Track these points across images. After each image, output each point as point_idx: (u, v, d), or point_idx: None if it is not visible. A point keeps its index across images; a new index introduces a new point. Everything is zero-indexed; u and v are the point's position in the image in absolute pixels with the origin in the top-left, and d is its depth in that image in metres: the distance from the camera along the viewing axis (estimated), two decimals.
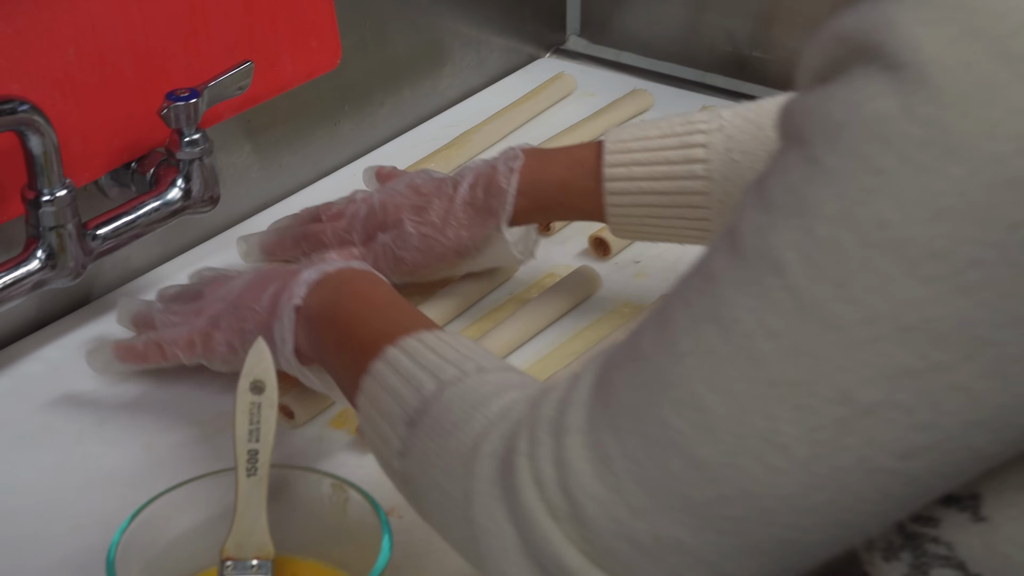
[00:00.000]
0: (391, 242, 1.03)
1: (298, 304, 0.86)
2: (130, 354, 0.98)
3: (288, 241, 1.08)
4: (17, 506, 0.90)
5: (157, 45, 1.04)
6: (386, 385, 0.74)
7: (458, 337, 0.76)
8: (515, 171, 1.00)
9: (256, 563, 0.78)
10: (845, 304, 0.55)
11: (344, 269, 0.88)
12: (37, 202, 0.96)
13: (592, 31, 1.52)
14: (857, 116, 0.55)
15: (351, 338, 0.81)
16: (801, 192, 0.56)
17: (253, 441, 0.78)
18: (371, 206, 1.05)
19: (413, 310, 0.83)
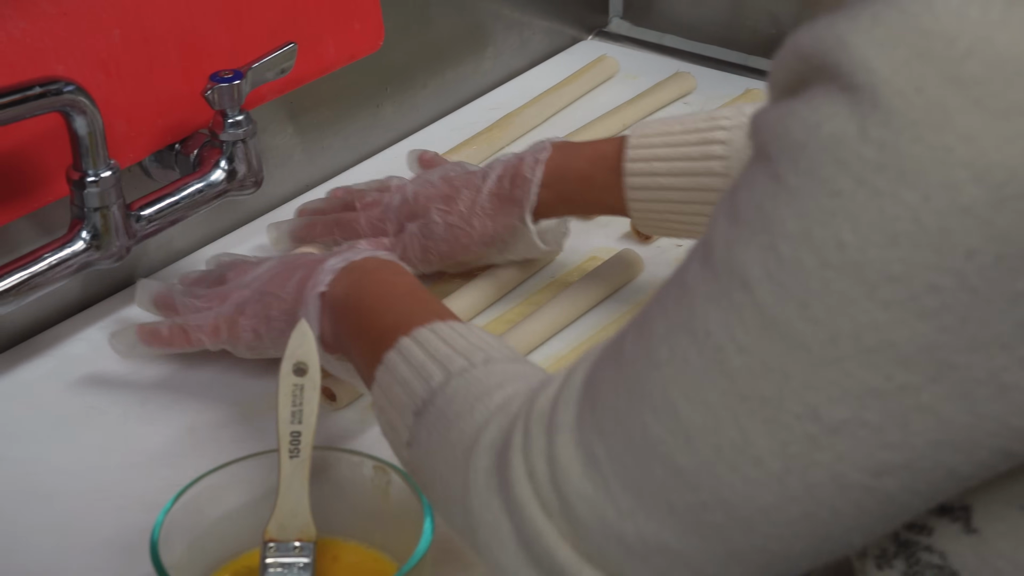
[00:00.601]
0: (419, 232, 1.04)
1: (323, 291, 0.87)
2: (155, 338, 0.98)
3: (319, 228, 1.09)
4: (61, 487, 0.91)
5: (201, 26, 1.04)
6: (397, 376, 0.75)
7: (472, 327, 0.77)
8: (540, 162, 1.01)
9: (298, 545, 0.78)
10: (809, 324, 0.55)
11: (370, 258, 0.88)
12: (82, 183, 0.96)
13: (635, 13, 1.52)
14: (816, 136, 0.55)
15: (369, 328, 0.82)
16: (766, 209, 0.56)
17: (296, 423, 0.78)
18: (404, 196, 1.06)
19: (432, 300, 0.83)
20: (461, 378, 0.71)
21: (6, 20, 0.93)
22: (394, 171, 1.24)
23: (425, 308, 0.81)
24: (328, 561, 0.80)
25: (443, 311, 0.80)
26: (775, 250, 0.55)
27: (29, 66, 0.94)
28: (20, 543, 0.86)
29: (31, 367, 1.02)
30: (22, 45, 0.94)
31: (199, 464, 0.83)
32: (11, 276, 0.95)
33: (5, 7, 0.92)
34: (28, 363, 1.02)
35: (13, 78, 0.91)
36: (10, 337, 1.04)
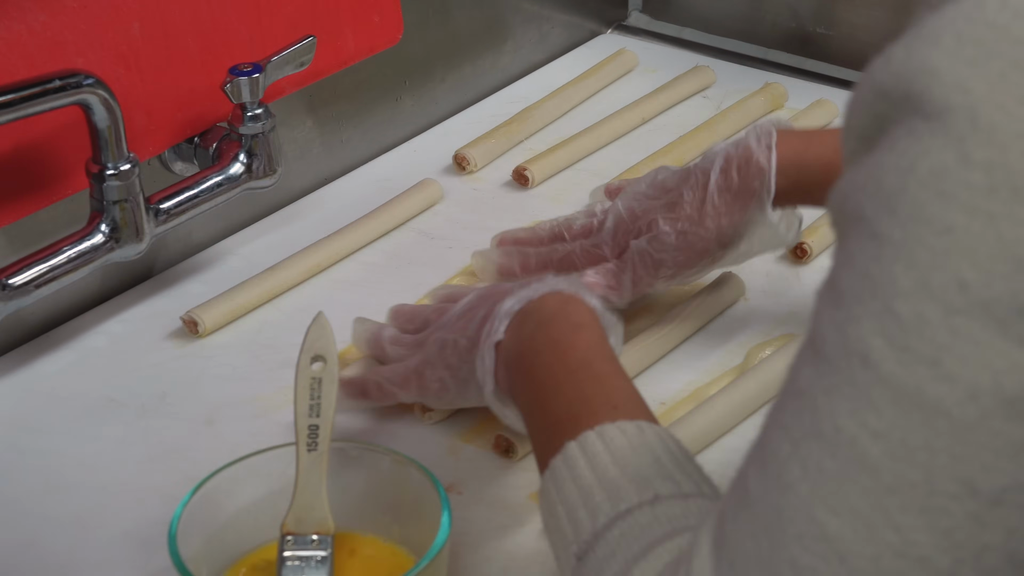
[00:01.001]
0: (648, 246, 0.97)
1: (498, 340, 0.82)
2: (355, 390, 0.93)
3: (533, 263, 1.04)
4: (80, 479, 0.91)
5: (220, 20, 1.05)
6: (562, 495, 0.69)
7: (643, 432, 0.71)
8: (772, 148, 0.94)
9: (316, 538, 0.78)
10: (943, 383, 0.50)
11: (549, 296, 0.83)
12: (101, 176, 0.96)
13: (654, 7, 1.51)
14: (912, 177, 0.51)
15: (539, 409, 0.77)
16: (872, 273, 0.52)
17: (314, 416, 0.78)
18: (617, 215, 1.00)
19: (607, 374, 0.77)
20: (624, 523, 0.65)
21: (26, 13, 0.93)
22: (414, 164, 1.25)
23: (600, 390, 0.75)
24: (346, 554, 0.80)
25: (617, 394, 0.74)
26: (892, 312, 0.51)
27: (49, 59, 0.94)
28: (39, 535, 0.87)
29: (50, 360, 1.02)
30: (42, 38, 0.94)
31: (217, 457, 0.83)
32: (30, 269, 0.95)
33: (26, 0, 0.93)
34: (47, 356, 1.02)
35: (33, 71, 0.91)
36: (29, 330, 1.04)
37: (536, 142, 1.29)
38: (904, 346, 0.51)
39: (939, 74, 0.51)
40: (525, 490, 0.89)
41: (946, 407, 0.50)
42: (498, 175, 1.24)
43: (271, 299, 1.08)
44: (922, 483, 0.51)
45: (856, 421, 0.52)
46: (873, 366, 0.52)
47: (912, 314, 0.51)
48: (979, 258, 0.50)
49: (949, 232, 0.50)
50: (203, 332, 1.04)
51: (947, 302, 0.50)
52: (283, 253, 1.11)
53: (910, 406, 0.51)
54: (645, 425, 0.71)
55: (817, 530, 0.53)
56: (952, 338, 0.50)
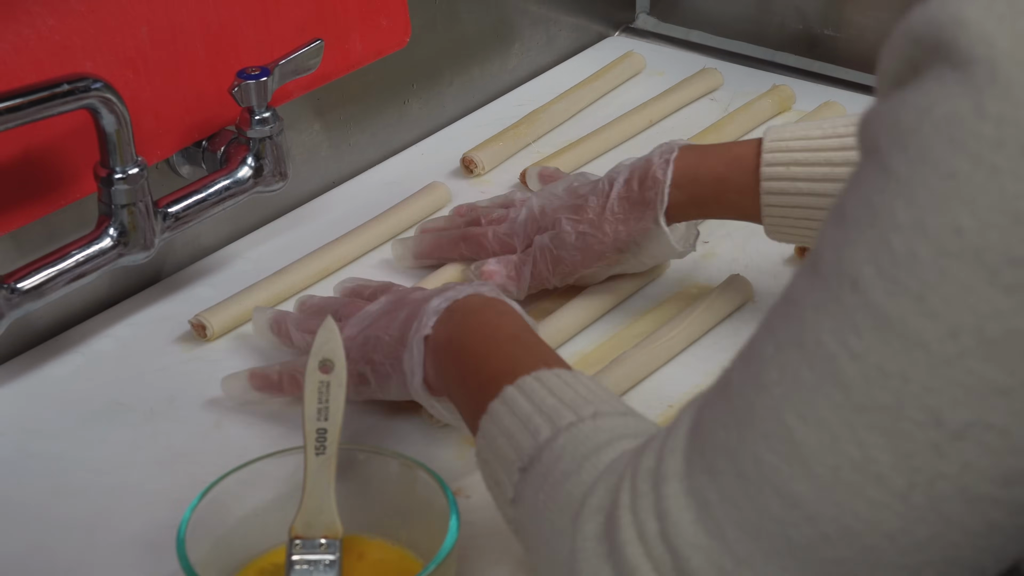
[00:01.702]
0: (549, 243, 1.02)
1: (427, 334, 0.85)
2: (266, 383, 0.95)
3: (446, 243, 1.08)
4: (88, 483, 0.91)
5: (228, 23, 1.05)
6: (502, 428, 0.72)
7: (579, 376, 0.74)
8: (670, 162, 0.98)
9: (324, 542, 0.78)
10: (926, 319, 0.52)
11: (473, 296, 0.86)
12: (109, 180, 0.96)
13: (661, 9, 1.51)
14: (928, 119, 0.52)
15: (473, 374, 0.80)
16: (875, 203, 0.54)
17: (322, 420, 0.78)
18: (531, 210, 1.04)
19: (538, 344, 0.81)
20: (569, 433, 0.68)
21: (35, 17, 0.93)
22: (422, 167, 1.25)
23: (530, 353, 0.79)
24: (354, 558, 0.80)
25: (549, 356, 0.78)
26: (887, 244, 0.53)
27: (57, 64, 0.94)
28: (47, 539, 0.87)
29: (58, 364, 1.02)
30: (50, 42, 0.94)
31: (225, 461, 0.83)
32: (39, 273, 0.95)
33: (34, 4, 0.93)
34: (55, 360, 1.03)
35: (41, 75, 0.91)
36: (37, 334, 1.04)
37: (544, 145, 1.29)
38: (893, 277, 0.53)
39: (968, 25, 0.52)
40: None
41: (926, 340, 0.52)
42: (506, 178, 1.24)
43: (279, 302, 1.08)
44: (891, 407, 0.53)
45: (837, 339, 0.54)
46: (861, 291, 0.54)
47: (906, 249, 0.53)
48: (978, 207, 0.51)
49: (952, 177, 0.52)
50: (211, 336, 1.04)
51: (940, 244, 0.52)
52: (291, 256, 1.12)
53: (891, 335, 0.53)
54: (578, 372, 0.75)
55: (784, 432, 0.55)
56: (940, 278, 0.52)
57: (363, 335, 0.91)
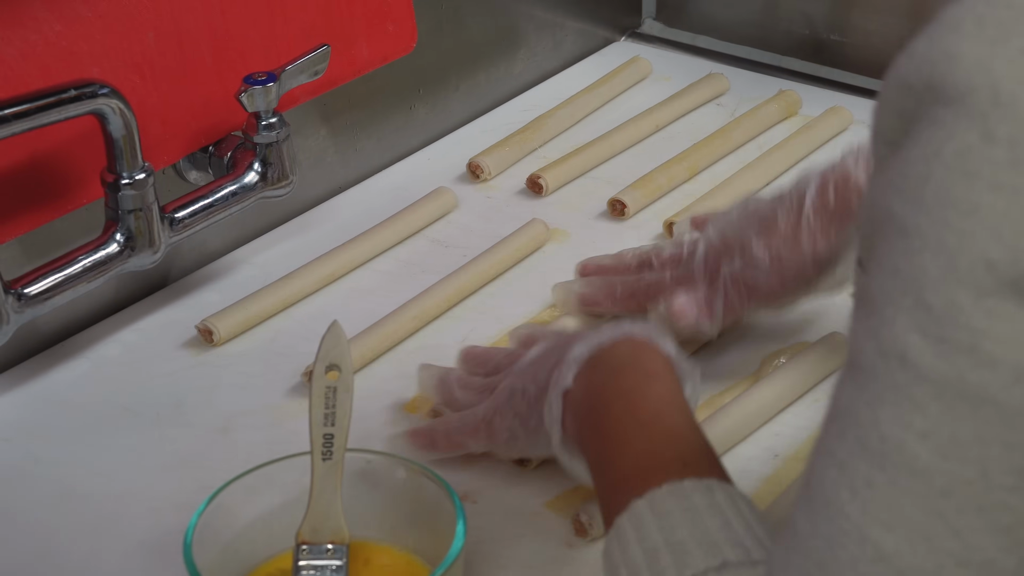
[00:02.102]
0: (740, 270, 0.93)
1: (567, 387, 0.79)
2: (423, 441, 0.90)
3: (620, 292, 1.00)
4: (95, 488, 0.91)
5: (235, 29, 1.05)
6: (627, 559, 0.66)
7: (716, 493, 0.67)
8: None
9: (331, 547, 0.78)
10: (984, 369, 0.49)
11: (621, 342, 0.79)
12: (116, 185, 0.96)
13: (668, 14, 1.51)
14: (938, 162, 0.50)
15: (608, 461, 0.74)
16: (902, 269, 0.51)
17: (329, 425, 0.78)
18: (709, 240, 0.96)
19: (680, 428, 0.74)
20: None
21: (42, 23, 0.93)
22: (428, 173, 1.26)
23: (670, 445, 0.72)
24: (361, 564, 0.80)
25: (689, 450, 0.71)
26: (924, 304, 0.50)
27: (64, 69, 0.94)
28: (54, 544, 0.87)
29: (65, 369, 1.02)
30: (57, 48, 0.94)
31: (232, 466, 0.83)
32: (45, 278, 0.95)
33: (41, 10, 0.93)
34: (62, 365, 1.03)
35: (48, 81, 0.91)
36: (44, 339, 1.04)
37: (550, 150, 1.30)
38: (940, 337, 0.50)
39: (961, 57, 0.51)
40: (540, 499, 0.89)
41: (991, 393, 0.49)
42: (512, 183, 1.24)
43: (286, 308, 1.08)
44: (977, 479, 0.49)
45: (901, 425, 0.50)
46: (911, 364, 0.50)
47: (944, 302, 0.50)
48: (1004, 235, 0.49)
49: (974, 212, 0.49)
50: (218, 341, 1.04)
51: (977, 284, 0.49)
52: (298, 262, 1.12)
53: (954, 398, 0.49)
54: (715, 484, 0.68)
55: (872, 551, 0.50)
56: (987, 321, 0.49)
57: (509, 387, 0.85)
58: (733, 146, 1.28)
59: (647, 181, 1.21)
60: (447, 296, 1.07)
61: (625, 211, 1.18)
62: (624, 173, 1.25)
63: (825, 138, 1.28)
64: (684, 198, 1.20)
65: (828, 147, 1.28)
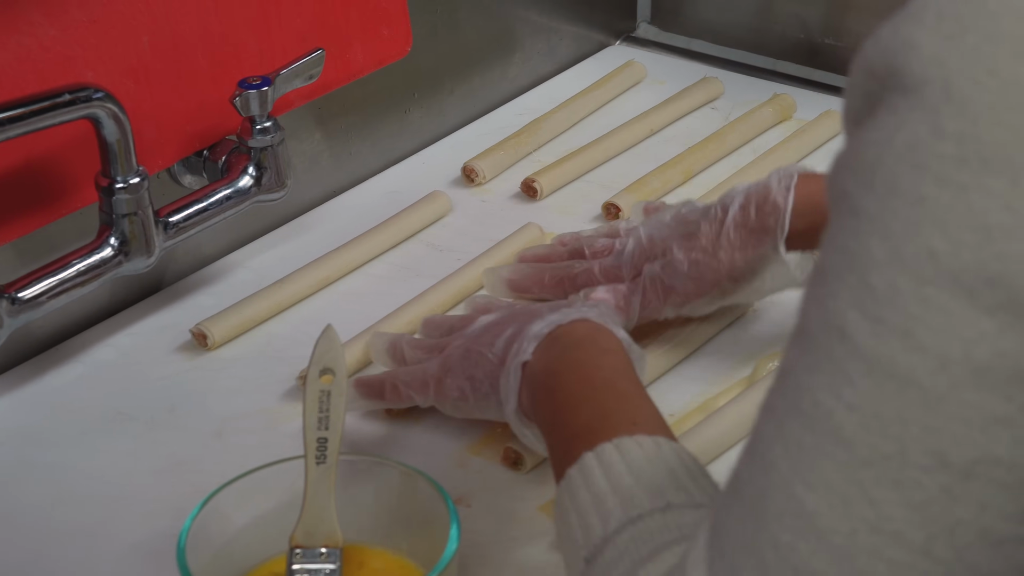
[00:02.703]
0: (660, 272, 0.98)
1: (525, 360, 0.84)
2: (369, 390, 0.94)
3: (548, 279, 1.04)
4: (89, 492, 0.91)
5: (229, 33, 1.05)
6: (576, 503, 0.70)
7: (661, 445, 0.71)
8: (791, 188, 0.94)
9: (325, 551, 0.78)
10: (914, 354, 0.50)
11: (579, 323, 0.84)
12: (111, 189, 0.96)
13: (662, 18, 1.52)
14: (889, 150, 0.51)
15: (561, 423, 0.78)
16: (851, 247, 0.52)
17: (322, 429, 0.78)
18: (638, 239, 1.01)
19: (633, 393, 0.78)
20: (635, 528, 0.66)
21: (36, 28, 0.93)
22: (423, 176, 1.26)
23: (623, 407, 0.76)
24: (354, 567, 0.80)
25: (641, 412, 0.76)
26: (867, 284, 0.51)
27: (59, 73, 0.94)
28: (48, 548, 0.87)
29: (59, 373, 1.02)
30: (52, 53, 0.94)
31: (226, 470, 0.83)
32: (40, 282, 0.95)
33: (36, 15, 0.93)
34: (56, 369, 1.03)
35: (43, 85, 0.91)
36: (38, 343, 1.04)
37: (545, 154, 1.30)
38: (878, 317, 0.51)
39: (918, 48, 0.51)
40: (534, 502, 0.89)
41: (917, 377, 0.50)
42: (507, 187, 1.24)
43: (280, 312, 1.08)
44: (895, 455, 0.51)
45: (832, 395, 0.52)
46: (849, 339, 0.52)
47: (885, 285, 0.51)
48: (949, 228, 0.50)
49: (921, 203, 0.50)
50: (212, 345, 1.04)
51: (918, 272, 0.50)
52: (292, 266, 1.12)
53: (883, 377, 0.51)
54: (662, 440, 0.72)
55: (796, 506, 0.53)
56: (923, 308, 0.50)
57: (465, 348, 0.89)
58: (727, 150, 1.28)
59: (642, 185, 1.21)
60: (442, 300, 1.07)
61: (620, 215, 1.18)
62: (619, 177, 1.25)
63: (819, 142, 1.28)
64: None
65: (822, 151, 1.28)
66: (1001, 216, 0.49)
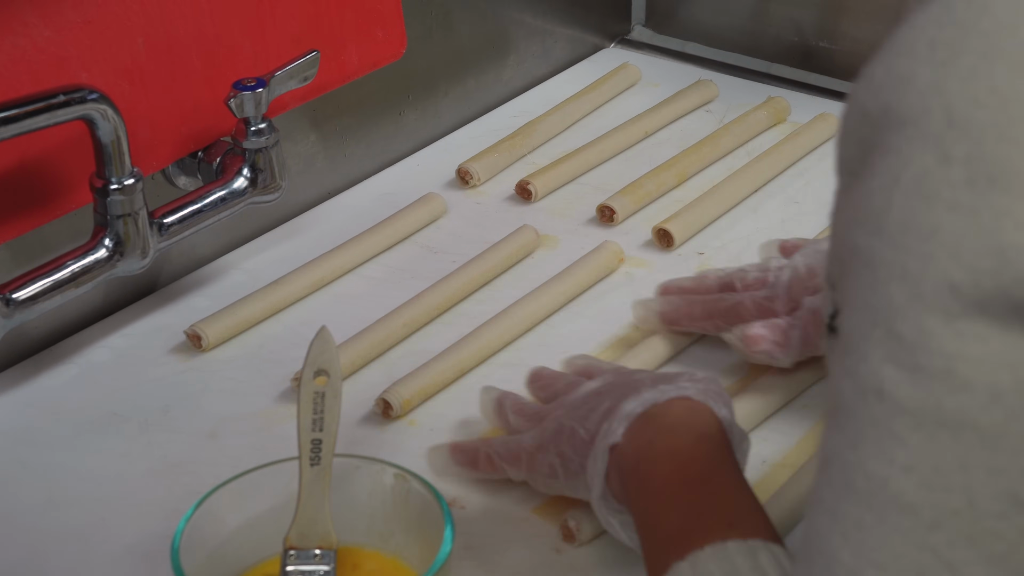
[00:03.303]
0: (822, 305, 0.87)
1: (615, 442, 0.78)
2: (464, 457, 0.89)
3: (699, 311, 0.99)
4: (83, 493, 0.91)
5: (224, 35, 1.05)
6: None
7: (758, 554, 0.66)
8: None
9: (319, 552, 0.78)
10: (960, 394, 0.48)
11: (675, 401, 0.78)
12: (105, 190, 0.96)
13: (657, 21, 1.52)
14: (897, 189, 0.50)
15: (653, 520, 0.73)
16: (871, 302, 0.50)
17: (317, 431, 0.78)
18: (795, 270, 0.95)
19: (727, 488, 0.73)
20: None
21: (31, 28, 0.93)
22: (417, 178, 1.26)
23: (716, 505, 0.71)
24: (348, 569, 0.80)
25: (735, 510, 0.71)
26: (894, 334, 0.49)
27: (53, 74, 0.94)
28: (42, 549, 0.87)
29: (53, 374, 1.02)
30: (47, 54, 0.94)
31: (220, 471, 0.83)
32: (34, 283, 0.95)
33: (30, 16, 0.93)
34: (50, 370, 1.03)
35: (37, 86, 0.91)
36: (33, 344, 1.04)
37: (539, 156, 1.30)
38: (914, 365, 0.49)
39: (914, 80, 0.50)
40: (528, 504, 0.89)
41: (971, 417, 0.48)
42: (501, 189, 1.25)
43: (274, 313, 1.08)
44: (964, 509, 0.48)
45: (884, 461, 0.49)
46: (889, 396, 0.49)
47: (914, 330, 0.49)
48: (964, 256, 0.48)
49: (934, 234, 0.49)
50: (206, 346, 1.04)
51: (944, 308, 0.48)
52: (287, 267, 1.12)
53: (934, 426, 0.48)
54: (759, 545, 0.67)
55: None
56: (959, 344, 0.48)
57: (559, 422, 0.84)
58: (722, 152, 1.29)
59: (636, 187, 1.21)
60: (436, 302, 1.07)
61: (614, 217, 1.18)
62: (613, 179, 1.25)
63: (813, 145, 1.29)
64: (673, 204, 1.21)
65: (816, 154, 1.28)
66: (1013, 235, 0.48)
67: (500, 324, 1.04)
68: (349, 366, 1.00)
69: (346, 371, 0.99)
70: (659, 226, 1.15)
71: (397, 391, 0.96)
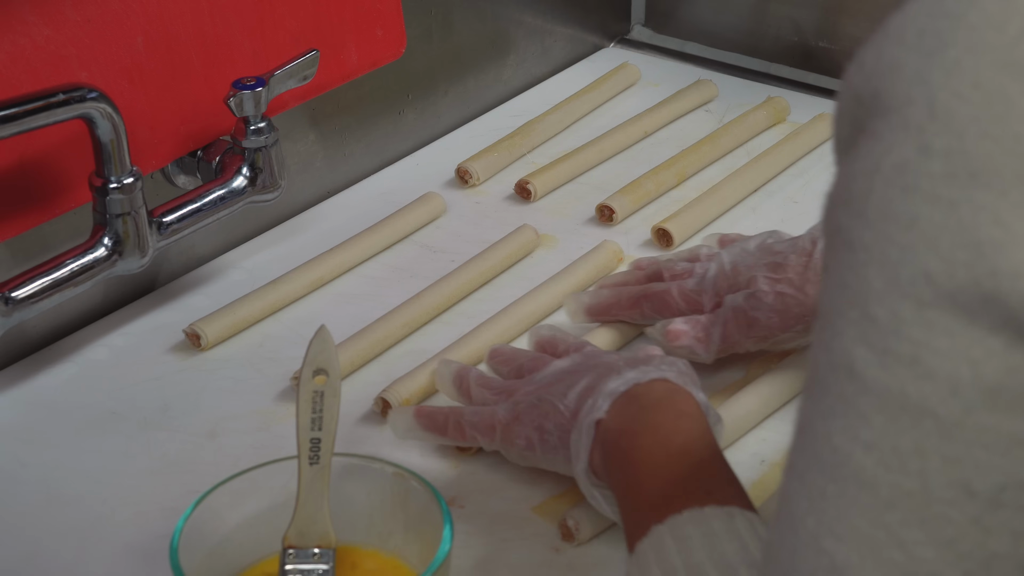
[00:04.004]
0: (744, 303, 0.95)
1: (599, 418, 0.81)
2: (430, 422, 0.91)
3: (626, 301, 1.01)
4: (82, 492, 0.91)
5: (224, 33, 1.05)
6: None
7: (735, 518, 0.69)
8: None
9: (318, 551, 0.78)
10: (924, 381, 0.49)
11: (657, 383, 0.82)
12: (104, 189, 0.96)
13: (657, 21, 1.52)
14: (878, 176, 0.50)
15: (635, 488, 0.75)
16: (848, 282, 0.51)
17: (316, 429, 0.78)
18: (721, 266, 0.98)
19: (707, 460, 0.75)
20: None
21: (30, 27, 0.93)
22: (417, 178, 1.26)
23: (698, 476, 0.73)
24: (347, 568, 0.80)
25: (717, 483, 0.73)
26: (869, 316, 0.50)
27: (53, 73, 0.94)
28: (41, 548, 0.87)
29: (52, 373, 1.02)
30: (46, 52, 0.94)
31: (219, 470, 0.83)
32: (33, 282, 0.95)
33: (30, 14, 0.93)
34: (49, 369, 1.03)
35: (37, 85, 0.91)
36: (32, 343, 1.04)
37: (538, 156, 1.30)
38: (884, 349, 0.50)
39: (901, 68, 0.50)
40: (527, 503, 0.89)
41: (931, 406, 0.49)
42: (500, 188, 1.25)
43: (274, 312, 1.08)
44: (919, 491, 0.49)
45: (849, 436, 0.50)
46: (858, 375, 0.50)
47: (888, 314, 0.49)
48: (941, 248, 0.48)
49: (913, 224, 0.49)
50: (206, 345, 1.04)
51: (918, 297, 0.49)
52: (286, 266, 1.12)
53: (896, 410, 0.49)
54: (736, 511, 0.69)
55: (826, 561, 0.51)
56: (927, 333, 0.49)
57: (537, 396, 0.86)
58: (721, 152, 1.29)
59: (635, 187, 1.21)
60: (436, 301, 1.07)
61: (613, 217, 1.18)
62: (612, 179, 1.25)
63: (813, 145, 1.29)
64: (672, 204, 1.21)
65: (816, 154, 1.28)
66: (991, 231, 0.48)
67: (499, 323, 1.04)
68: (348, 365, 1.00)
69: (345, 370, 0.99)
70: (658, 226, 1.15)
71: (396, 390, 0.96)
